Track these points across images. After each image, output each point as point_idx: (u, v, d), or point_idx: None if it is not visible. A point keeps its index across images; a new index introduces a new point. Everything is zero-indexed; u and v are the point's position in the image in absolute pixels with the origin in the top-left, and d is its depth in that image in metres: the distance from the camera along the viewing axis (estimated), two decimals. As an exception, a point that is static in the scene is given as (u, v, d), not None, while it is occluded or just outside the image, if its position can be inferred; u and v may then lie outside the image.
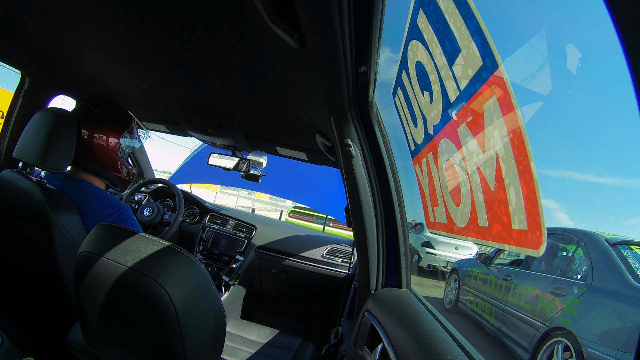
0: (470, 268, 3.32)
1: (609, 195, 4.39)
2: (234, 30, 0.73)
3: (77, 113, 1.07)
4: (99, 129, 1.07)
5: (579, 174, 7.11)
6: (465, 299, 3.21)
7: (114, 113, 1.13)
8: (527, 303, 2.39)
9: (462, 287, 3.30)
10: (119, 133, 1.10)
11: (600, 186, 5.07)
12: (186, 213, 2.17)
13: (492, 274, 2.99)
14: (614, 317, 1.80)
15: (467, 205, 0.65)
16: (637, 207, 3.61)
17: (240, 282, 1.98)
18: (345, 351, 0.95)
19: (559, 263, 2.38)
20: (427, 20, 0.68)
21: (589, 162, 5.45)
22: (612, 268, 1.92)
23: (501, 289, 2.73)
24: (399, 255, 0.91)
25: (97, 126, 1.07)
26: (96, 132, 1.06)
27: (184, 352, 0.59)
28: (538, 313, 2.23)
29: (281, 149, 1.55)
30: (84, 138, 1.04)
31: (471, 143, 0.62)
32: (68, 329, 0.81)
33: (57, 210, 0.90)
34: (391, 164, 0.93)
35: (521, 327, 2.32)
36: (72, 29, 0.90)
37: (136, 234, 0.63)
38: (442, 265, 4.08)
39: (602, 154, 3.79)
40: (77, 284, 0.65)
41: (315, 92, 0.91)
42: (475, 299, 3.06)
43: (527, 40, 0.53)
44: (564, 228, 2.56)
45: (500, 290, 2.75)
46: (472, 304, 3.08)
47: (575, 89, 0.69)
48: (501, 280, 2.79)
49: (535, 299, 2.34)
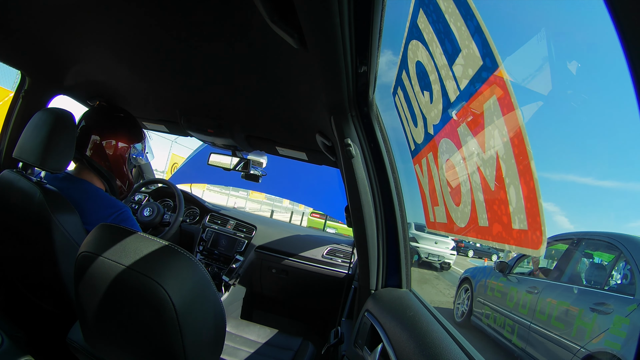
0: (486, 278, 2.94)
1: (610, 198, 4.37)
2: (235, 30, 0.73)
3: (97, 112, 1.12)
4: (116, 132, 1.11)
5: (579, 177, 7.08)
6: (480, 313, 2.83)
7: (131, 122, 1.17)
8: (559, 321, 2.02)
9: (477, 299, 2.94)
10: (132, 141, 1.15)
11: (601, 189, 5.06)
12: (186, 213, 2.17)
13: (513, 285, 2.63)
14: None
15: (467, 205, 0.65)
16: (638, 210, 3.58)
17: (240, 282, 1.98)
18: (345, 351, 0.94)
19: (596, 273, 2.08)
20: (427, 20, 0.68)
21: (589, 164, 5.43)
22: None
23: (525, 303, 2.36)
24: (399, 255, 0.91)
25: (114, 129, 1.11)
26: (112, 134, 1.10)
27: (183, 352, 0.59)
28: (574, 334, 1.88)
29: (281, 149, 1.55)
30: (98, 137, 1.07)
31: (471, 143, 0.62)
32: (68, 329, 0.81)
33: (57, 210, 0.90)
34: (391, 163, 0.93)
35: (552, 349, 1.99)
36: (72, 29, 0.90)
37: (136, 234, 0.63)
38: (424, 257, 4.83)
39: (603, 157, 3.76)
40: (77, 284, 0.65)
41: (315, 92, 0.91)
42: (492, 313, 2.67)
43: (527, 40, 0.53)
44: (600, 232, 2.22)
45: (524, 304, 2.37)
46: (488, 319, 2.70)
47: (575, 89, 0.69)
48: (525, 292, 2.42)
49: (569, 316, 1.98)
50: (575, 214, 4.72)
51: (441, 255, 4.89)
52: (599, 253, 2.15)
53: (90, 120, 1.09)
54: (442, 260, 4.91)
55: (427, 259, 4.84)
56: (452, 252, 4.99)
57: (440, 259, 4.89)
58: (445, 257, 4.91)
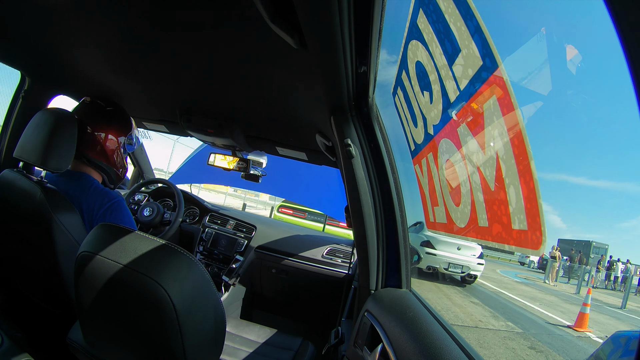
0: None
1: (603, 198, 4.35)
2: (234, 30, 0.73)
3: (88, 107, 1.13)
4: (107, 125, 1.13)
5: (573, 176, 7.06)
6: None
7: (121, 114, 1.20)
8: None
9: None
10: (124, 133, 1.19)
11: (594, 189, 5.04)
12: (186, 213, 2.17)
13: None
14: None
15: (467, 205, 0.65)
16: (630, 210, 3.50)
17: (240, 282, 1.98)
18: (345, 351, 0.94)
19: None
20: (427, 20, 0.68)
21: (583, 164, 5.43)
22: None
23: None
24: (399, 255, 0.91)
25: (106, 123, 1.13)
26: (103, 128, 1.12)
27: (183, 351, 0.59)
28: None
29: (281, 149, 1.55)
30: (91, 131, 1.09)
31: (471, 143, 0.62)
32: (68, 328, 0.81)
33: (58, 209, 0.91)
34: (391, 164, 0.93)
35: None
36: (72, 29, 0.90)
37: (136, 234, 0.63)
38: (443, 267, 3.51)
39: (597, 157, 3.72)
40: (77, 284, 0.65)
41: (315, 92, 0.91)
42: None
43: (527, 40, 0.53)
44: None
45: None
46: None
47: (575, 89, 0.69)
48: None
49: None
50: (567, 214, 4.65)
51: (465, 266, 3.57)
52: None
53: (83, 114, 1.11)
54: (467, 271, 3.57)
55: (448, 271, 3.47)
56: (480, 260, 3.65)
57: (464, 271, 3.54)
58: (470, 267, 3.59)
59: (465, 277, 3.55)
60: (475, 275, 3.64)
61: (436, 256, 3.46)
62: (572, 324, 2.52)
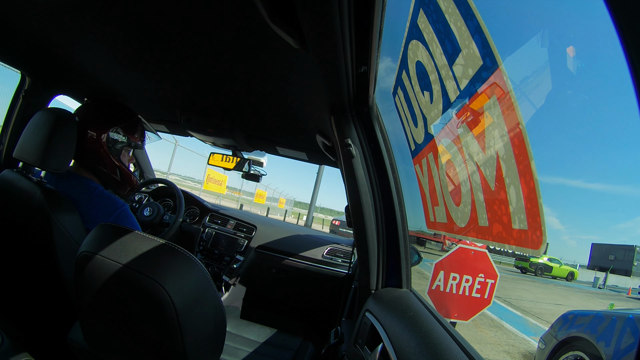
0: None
1: (599, 200, 4.35)
2: (235, 30, 0.73)
3: (89, 109, 1.07)
4: (91, 123, 1.04)
5: (570, 179, 7.05)
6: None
7: (123, 114, 1.11)
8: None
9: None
10: (108, 127, 1.06)
11: (591, 192, 5.04)
12: (186, 213, 2.17)
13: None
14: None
15: (468, 205, 0.65)
16: (626, 212, 3.53)
17: (241, 282, 1.98)
18: (345, 351, 0.94)
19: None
20: (427, 20, 0.68)
21: (580, 167, 5.42)
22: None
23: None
24: (399, 255, 0.91)
25: (107, 124, 1.06)
26: (88, 127, 1.04)
27: (184, 351, 0.59)
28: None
29: (281, 149, 1.55)
30: (94, 133, 1.04)
31: (471, 143, 0.62)
32: (68, 328, 0.81)
33: (58, 210, 0.90)
34: (391, 164, 0.93)
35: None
36: (72, 29, 0.90)
37: (136, 233, 0.63)
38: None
39: (594, 160, 3.73)
40: (77, 284, 0.65)
41: (315, 92, 0.91)
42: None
43: (527, 40, 0.53)
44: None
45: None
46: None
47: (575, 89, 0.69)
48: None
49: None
50: (565, 216, 4.65)
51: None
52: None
53: (85, 116, 1.06)
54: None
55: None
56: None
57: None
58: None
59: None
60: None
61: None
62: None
